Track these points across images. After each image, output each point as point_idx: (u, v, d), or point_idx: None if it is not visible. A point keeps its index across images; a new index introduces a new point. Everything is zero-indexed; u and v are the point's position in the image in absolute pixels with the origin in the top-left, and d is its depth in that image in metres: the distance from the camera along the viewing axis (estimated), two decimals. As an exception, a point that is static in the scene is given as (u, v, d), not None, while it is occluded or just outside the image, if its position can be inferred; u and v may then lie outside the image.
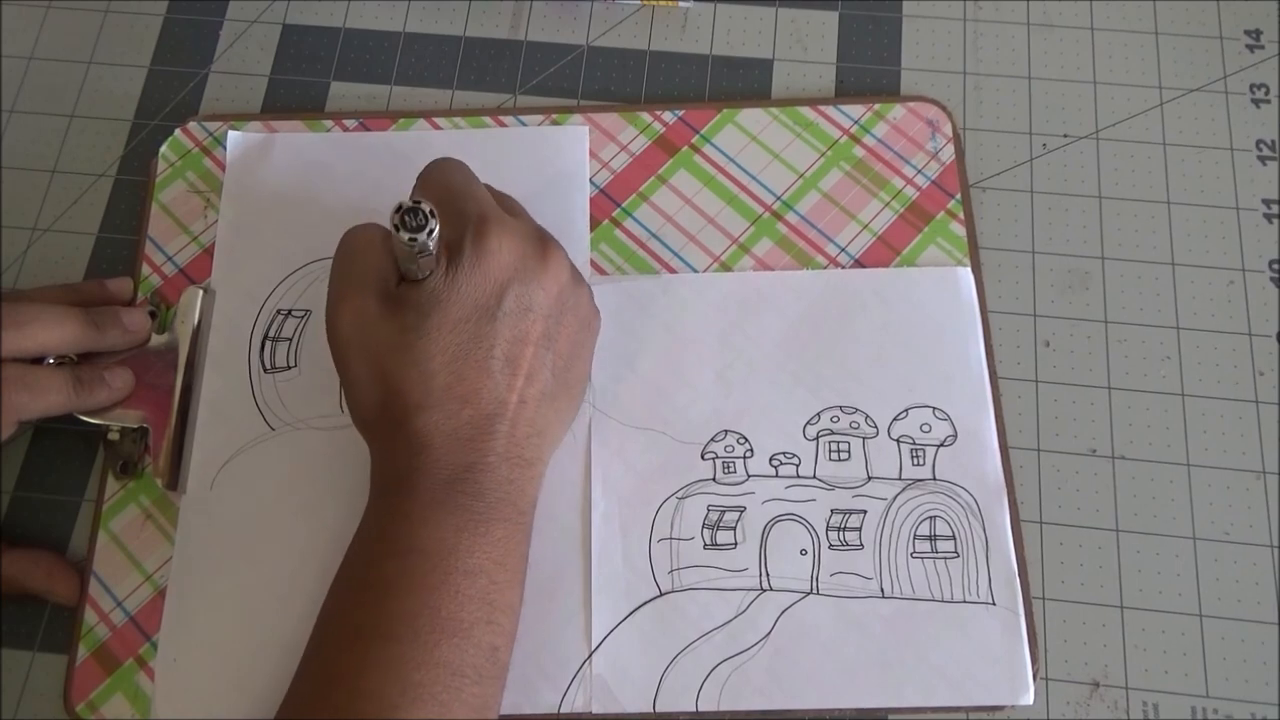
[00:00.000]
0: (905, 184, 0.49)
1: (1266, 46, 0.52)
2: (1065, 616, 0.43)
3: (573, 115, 0.51)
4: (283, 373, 0.46)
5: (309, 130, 0.51)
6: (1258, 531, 0.44)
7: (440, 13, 0.54)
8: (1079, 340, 0.47)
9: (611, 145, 0.50)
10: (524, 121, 0.51)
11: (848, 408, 0.45)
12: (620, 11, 0.54)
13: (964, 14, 0.53)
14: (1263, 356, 0.46)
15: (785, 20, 0.54)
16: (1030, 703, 0.41)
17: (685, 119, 0.51)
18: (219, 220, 0.49)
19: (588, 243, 0.48)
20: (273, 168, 0.50)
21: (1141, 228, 0.49)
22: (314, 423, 0.45)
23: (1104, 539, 0.44)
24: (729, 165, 0.50)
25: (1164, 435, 0.45)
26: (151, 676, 0.42)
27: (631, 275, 0.48)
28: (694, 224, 0.49)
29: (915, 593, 0.42)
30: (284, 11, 0.55)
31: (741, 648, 0.41)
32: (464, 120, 0.51)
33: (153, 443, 0.45)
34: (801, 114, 0.50)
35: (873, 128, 0.50)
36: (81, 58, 0.54)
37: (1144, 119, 0.51)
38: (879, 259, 0.48)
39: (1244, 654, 0.42)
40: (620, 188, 0.49)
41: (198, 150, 0.51)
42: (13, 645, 0.43)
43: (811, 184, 0.49)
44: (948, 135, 0.50)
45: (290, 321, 0.47)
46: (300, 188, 0.50)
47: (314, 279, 0.48)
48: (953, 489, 0.43)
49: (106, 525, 0.44)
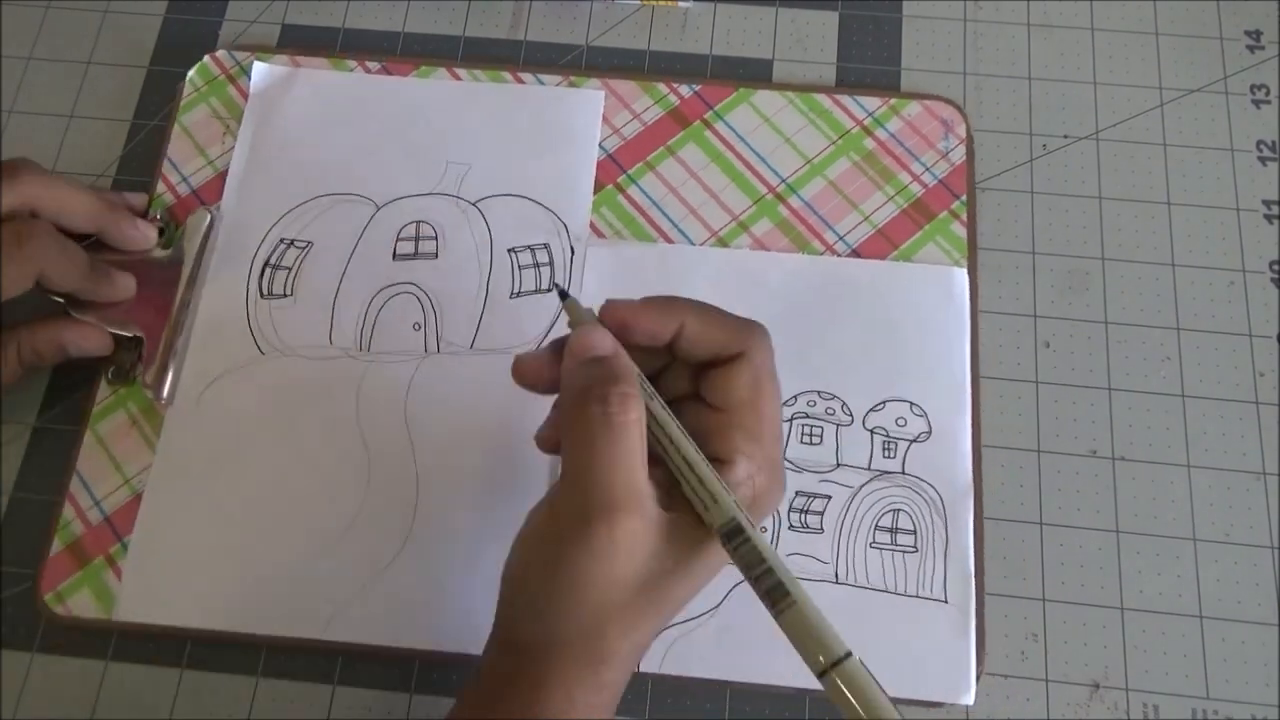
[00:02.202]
0: (912, 180, 0.49)
1: (1266, 47, 0.52)
2: (1065, 617, 0.43)
3: (589, 79, 0.51)
4: (278, 300, 0.48)
5: (333, 69, 0.52)
6: (1258, 532, 0.44)
7: (440, 13, 0.54)
8: (1079, 340, 0.47)
9: (625, 112, 0.51)
10: (542, 80, 0.52)
11: (825, 393, 0.45)
12: (620, 11, 0.54)
13: (964, 14, 0.53)
14: (1263, 357, 0.46)
15: (785, 20, 0.54)
16: (971, 703, 0.41)
17: (701, 94, 0.51)
18: (235, 146, 0.51)
19: (590, 204, 0.49)
20: (293, 101, 0.51)
21: (1141, 228, 0.49)
22: (303, 351, 0.47)
23: (1104, 539, 0.44)
24: (739, 144, 0.50)
25: (1164, 436, 0.45)
26: (119, 576, 0.43)
27: (629, 241, 0.48)
28: (697, 198, 0.49)
29: (870, 582, 0.42)
30: (283, 11, 0.55)
31: (690, 615, 0.42)
32: (483, 73, 0.52)
33: (146, 353, 0.46)
34: (817, 101, 0.51)
35: (886, 122, 0.50)
36: (81, 58, 0.54)
37: (1144, 119, 0.51)
38: (876, 251, 0.48)
39: (1244, 655, 0.42)
40: (628, 155, 0.50)
41: (223, 77, 0.52)
42: (12, 648, 0.44)
43: (818, 170, 0.49)
44: (961, 136, 0.50)
45: (292, 251, 0.48)
46: (317, 123, 0.51)
47: (320, 212, 0.49)
48: (920, 485, 0.44)
49: (94, 427, 0.46)
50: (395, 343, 0.47)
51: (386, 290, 0.48)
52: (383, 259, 0.48)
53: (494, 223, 0.49)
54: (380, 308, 0.47)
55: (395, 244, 0.48)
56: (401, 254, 0.48)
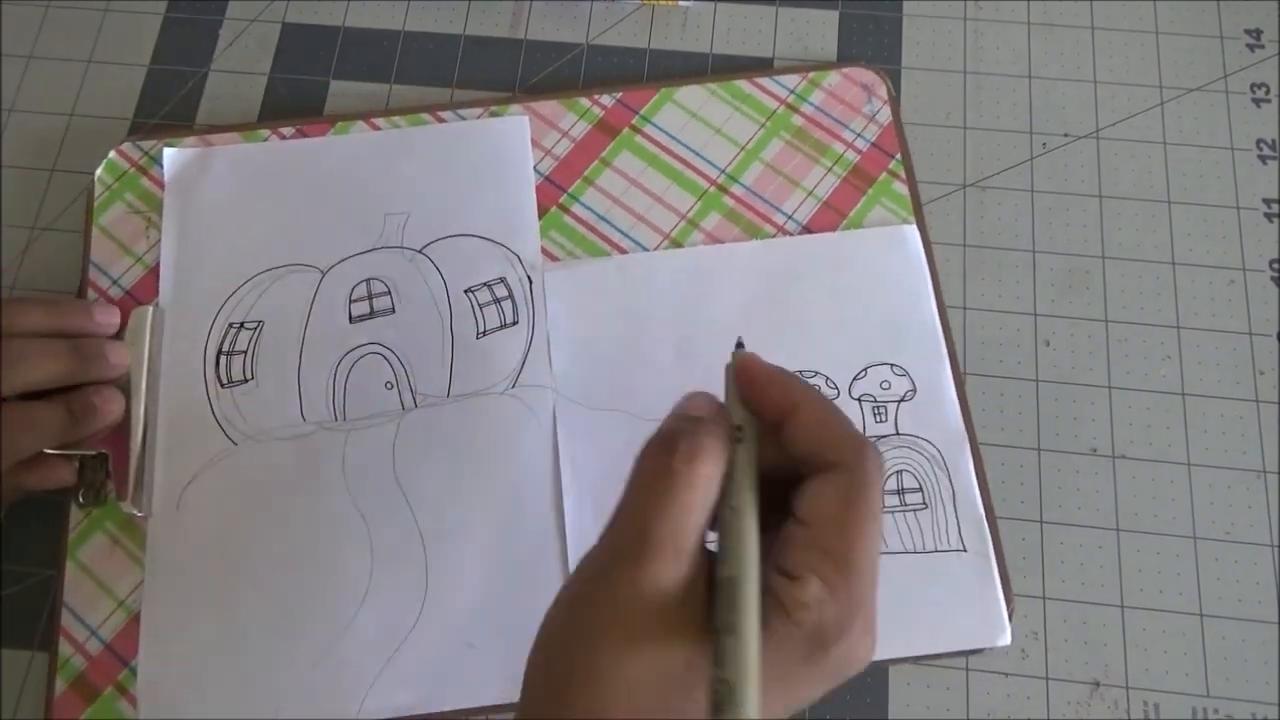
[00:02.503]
0: (846, 148, 0.50)
1: (1266, 46, 0.52)
2: (1065, 616, 0.43)
3: (511, 106, 0.51)
4: (240, 386, 0.46)
5: (246, 142, 0.50)
6: (1258, 531, 0.44)
7: (440, 11, 0.54)
8: (1079, 339, 0.47)
9: (553, 132, 0.50)
10: (463, 115, 0.51)
11: (807, 372, 0.45)
12: (620, 10, 0.54)
13: (964, 13, 0.53)
14: (1263, 356, 0.46)
15: (785, 19, 0.54)
16: (1008, 643, 0.41)
17: (624, 101, 0.51)
18: (162, 238, 0.48)
19: (537, 231, 0.48)
20: (212, 182, 0.49)
21: (1142, 227, 0.49)
22: (276, 433, 0.45)
23: (1104, 539, 0.44)
24: (671, 143, 0.50)
25: (1164, 435, 0.45)
26: (133, 703, 0.41)
27: (583, 259, 0.48)
28: (641, 204, 0.49)
29: (888, 547, 0.43)
30: (283, 11, 0.55)
31: None
32: (402, 119, 0.51)
33: (115, 468, 0.44)
34: (738, 87, 0.51)
35: (809, 96, 0.51)
36: (81, 57, 0.54)
37: (1144, 118, 0.51)
38: (826, 224, 0.48)
39: (1244, 654, 0.42)
40: (565, 174, 0.50)
41: (134, 170, 0.50)
42: (12, 645, 0.43)
43: (754, 155, 0.50)
44: (883, 98, 0.50)
45: (244, 334, 0.47)
46: (242, 200, 0.49)
47: (264, 289, 0.47)
48: (916, 442, 0.44)
49: (74, 555, 0.44)
50: (370, 406, 0.45)
51: (350, 355, 0.46)
52: (339, 324, 0.47)
53: (445, 267, 0.48)
54: (348, 373, 0.46)
55: (349, 306, 0.47)
56: (358, 315, 0.47)
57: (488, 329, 0.47)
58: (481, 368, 0.46)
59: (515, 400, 0.45)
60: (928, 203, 0.49)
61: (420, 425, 0.45)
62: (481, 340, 0.46)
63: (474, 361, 0.46)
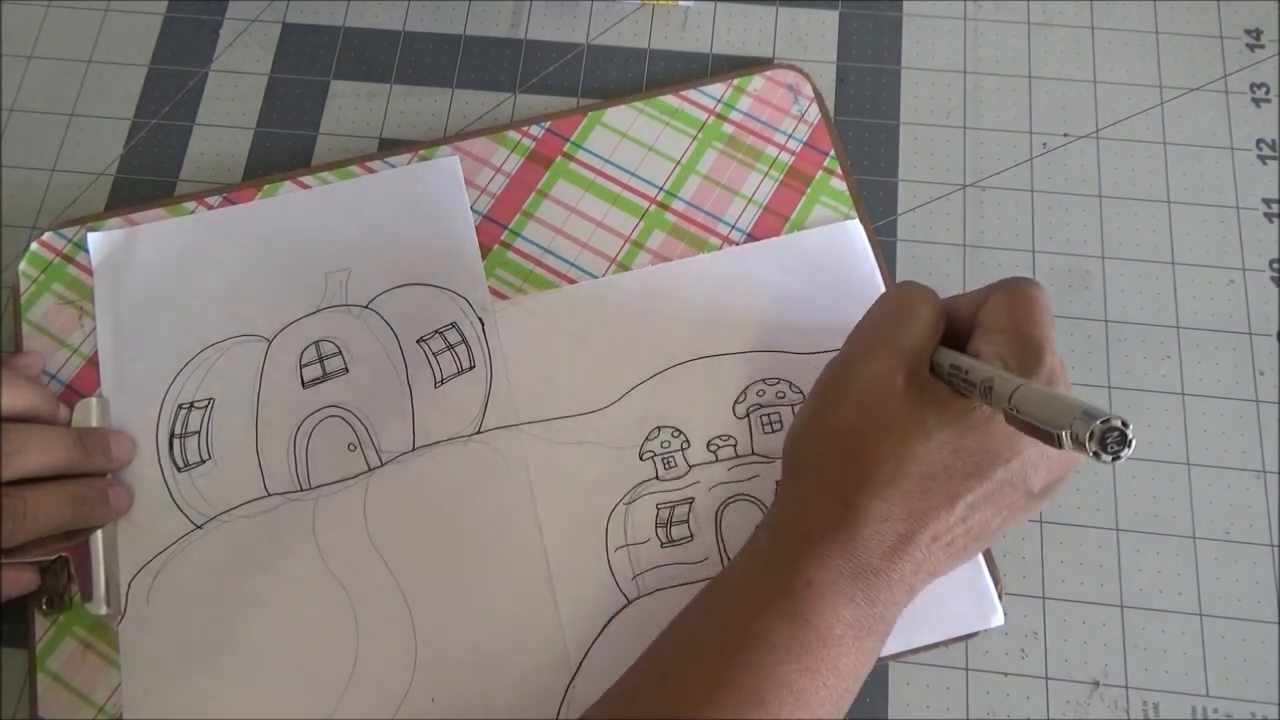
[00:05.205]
0: (779, 151, 0.50)
1: (1266, 46, 0.52)
2: (1065, 616, 0.43)
3: (440, 148, 0.50)
4: (198, 467, 0.45)
5: (171, 216, 0.49)
6: (1258, 531, 0.44)
7: (440, 12, 0.54)
8: (1079, 339, 0.47)
9: (485, 170, 0.50)
10: (392, 164, 0.50)
11: (770, 379, 0.45)
12: (620, 10, 0.54)
13: (964, 13, 0.53)
14: (1263, 356, 0.46)
15: (785, 19, 0.54)
16: (1001, 623, 0.42)
17: (553, 129, 0.50)
18: (97, 326, 0.47)
19: (482, 271, 0.47)
20: (143, 262, 0.48)
21: (1141, 227, 0.49)
22: (240, 512, 0.44)
23: (1104, 538, 0.44)
24: (605, 166, 0.50)
25: (1164, 435, 0.45)
26: None
27: (532, 294, 0.47)
28: (583, 231, 0.49)
29: None
30: (283, 11, 0.55)
31: None
32: (331, 174, 0.50)
33: (76, 570, 0.43)
34: (665, 102, 0.51)
35: (736, 103, 0.51)
36: (81, 57, 0.54)
37: (1144, 118, 0.51)
38: (770, 229, 0.48)
39: (1244, 653, 0.42)
40: (503, 209, 0.49)
41: (59, 260, 0.48)
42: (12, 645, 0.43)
43: (690, 169, 0.50)
44: (809, 96, 0.51)
45: (195, 414, 0.46)
46: (176, 277, 0.48)
47: (210, 364, 0.46)
48: None
49: (44, 666, 0.42)
50: (335, 470, 0.44)
51: (309, 420, 0.45)
52: (293, 390, 0.46)
53: (393, 319, 0.47)
54: (308, 439, 0.45)
55: (300, 371, 0.46)
56: (310, 379, 0.46)
57: (445, 377, 0.46)
58: (444, 417, 0.45)
59: (482, 445, 0.45)
60: (927, 203, 0.49)
61: (389, 483, 0.44)
62: (440, 389, 0.46)
63: (435, 411, 0.45)
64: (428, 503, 0.44)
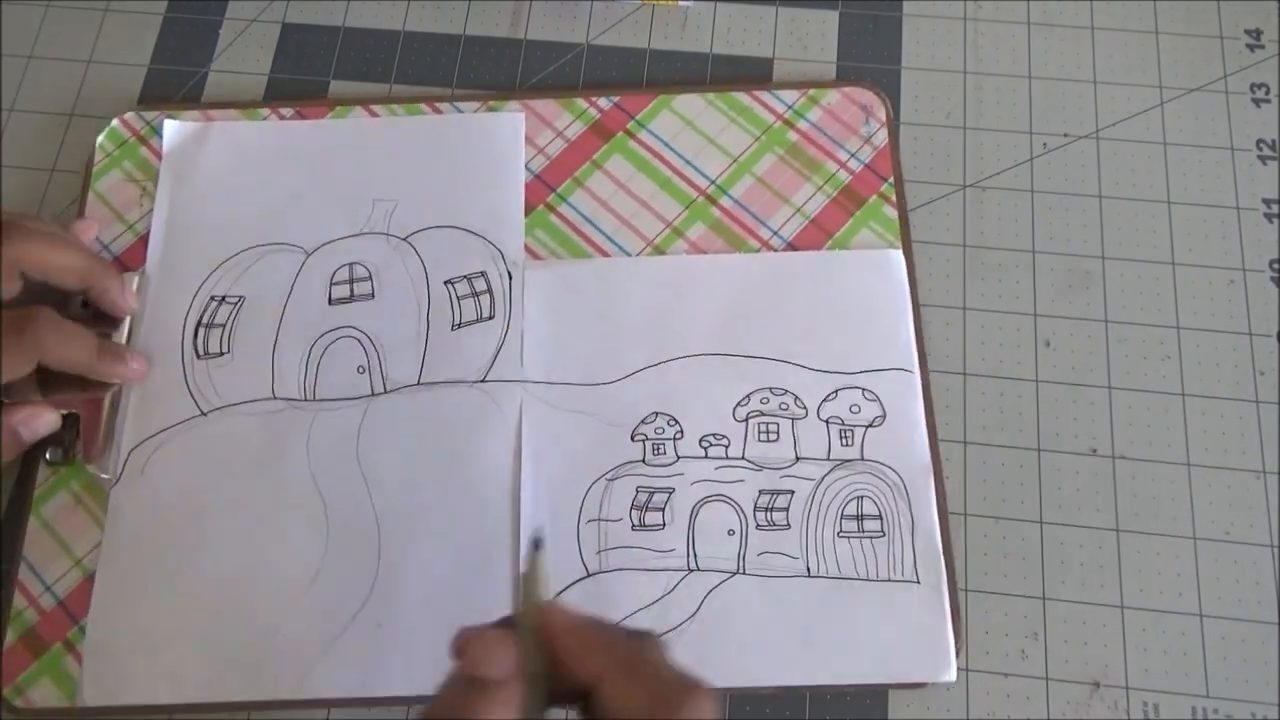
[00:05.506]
0: (839, 168, 0.49)
1: (1266, 46, 0.52)
2: (1065, 616, 0.43)
3: (509, 102, 0.51)
4: (215, 359, 0.47)
5: (245, 120, 0.51)
6: (1258, 531, 0.44)
7: (440, 11, 0.54)
8: (1079, 339, 0.47)
9: (547, 131, 0.50)
10: (460, 109, 0.51)
11: (778, 389, 0.45)
12: (620, 10, 0.54)
13: (964, 13, 0.53)
14: (1263, 356, 0.46)
15: (785, 19, 0.54)
16: (953, 679, 0.41)
17: (621, 105, 0.51)
18: (155, 208, 0.49)
19: (522, 227, 0.49)
20: (209, 156, 0.50)
21: (1142, 227, 0.49)
22: (245, 408, 0.46)
23: (1104, 538, 0.44)
24: (664, 150, 0.50)
25: (1164, 435, 0.45)
26: (79, 661, 0.42)
27: (565, 260, 0.48)
28: (628, 208, 0.49)
29: (841, 572, 0.42)
30: (283, 10, 0.55)
31: (668, 627, 0.42)
32: (401, 108, 0.51)
33: (84, 429, 0.45)
34: (737, 99, 0.51)
35: (807, 113, 0.50)
36: (81, 57, 0.54)
37: (1144, 118, 0.51)
38: (811, 242, 0.48)
39: (1244, 654, 0.42)
40: (555, 173, 0.50)
41: (135, 140, 0.51)
42: None
43: (746, 168, 0.50)
44: (881, 119, 0.50)
45: (224, 308, 0.47)
46: (235, 176, 0.50)
47: (249, 265, 0.48)
48: (880, 469, 0.44)
49: (38, 511, 0.45)
50: (340, 388, 0.46)
51: (326, 336, 0.47)
52: (318, 305, 0.47)
53: (427, 256, 0.48)
54: (321, 354, 0.46)
55: (330, 289, 0.48)
56: (337, 298, 0.47)
57: (463, 321, 0.47)
58: (453, 359, 0.46)
59: (483, 394, 0.46)
60: (927, 203, 0.49)
61: (387, 410, 0.45)
62: (456, 332, 0.47)
63: (446, 352, 0.46)
64: (419, 437, 0.45)
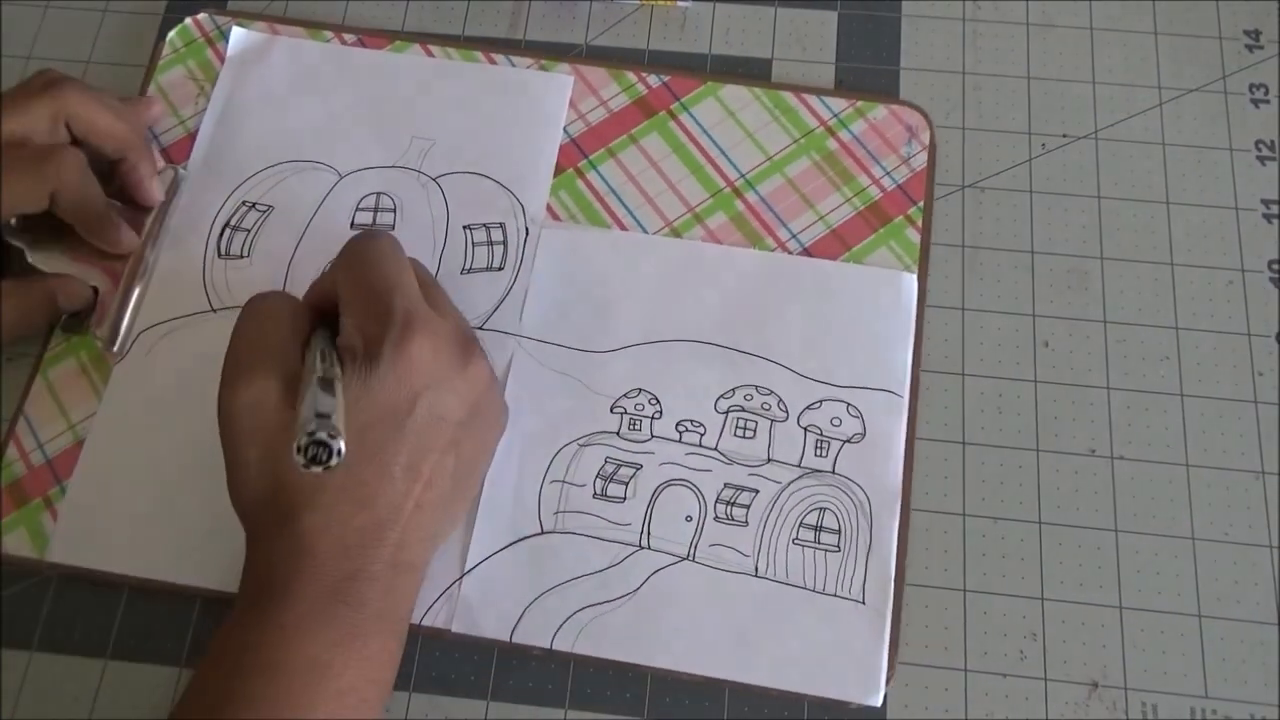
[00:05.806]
0: (871, 183, 0.49)
1: (1266, 46, 0.52)
2: (1064, 617, 0.43)
3: (560, 64, 0.52)
4: (235, 260, 0.48)
5: (310, 38, 0.53)
6: (1257, 531, 0.44)
7: (440, 12, 0.54)
8: (1078, 340, 0.47)
9: (592, 99, 0.51)
10: (514, 62, 0.52)
11: (763, 388, 0.45)
12: (619, 11, 0.54)
13: (963, 14, 0.53)
14: (1262, 356, 0.46)
15: (784, 20, 0.54)
16: (878, 705, 0.41)
17: (670, 85, 0.51)
18: (208, 108, 0.51)
19: (548, 187, 0.49)
20: (268, 68, 0.52)
21: (1141, 228, 0.49)
22: None
23: (1104, 539, 0.44)
24: (702, 136, 0.50)
25: (1164, 435, 0.45)
26: (54, 518, 0.44)
27: (583, 226, 0.49)
28: (655, 187, 0.49)
29: (789, 578, 0.42)
30: (283, 11, 0.55)
31: (608, 597, 0.42)
32: (457, 52, 0.52)
33: (100, 304, 0.47)
34: (784, 99, 0.51)
35: (851, 124, 0.50)
36: (81, 57, 0.54)
37: (1143, 119, 0.51)
38: (828, 251, 0.48)
39: (1244, 654, 0.42)
40: (591, 140, 0.50)
41: (202, 40, 0.53)
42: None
43: (778, 168, 0.50)
44: (924, 143, 0.50)
45: (252, 214, 0.49)
46: (289, 91, 0.52)
47: (283, 178, 0.50)
48: (849, 485, 0.44)
49: (45, 373, 0.47)
50: None
51: None
52: (340, 227, 0.49)
53: (452, 199, 0.49)
54: None
55: (354, 213, 0.49)
56: (359, 224, 0.49)
57: (473, 267, 0.48)
58: (457, 301, 0.46)
59: None
60: (927, 203, 0.49)
61: None
62: (465, 276, 0.48)
63: (452, 294, 0.46)
64: None
